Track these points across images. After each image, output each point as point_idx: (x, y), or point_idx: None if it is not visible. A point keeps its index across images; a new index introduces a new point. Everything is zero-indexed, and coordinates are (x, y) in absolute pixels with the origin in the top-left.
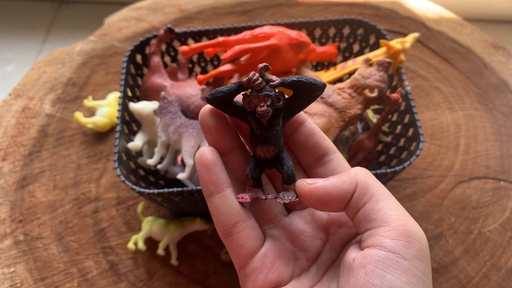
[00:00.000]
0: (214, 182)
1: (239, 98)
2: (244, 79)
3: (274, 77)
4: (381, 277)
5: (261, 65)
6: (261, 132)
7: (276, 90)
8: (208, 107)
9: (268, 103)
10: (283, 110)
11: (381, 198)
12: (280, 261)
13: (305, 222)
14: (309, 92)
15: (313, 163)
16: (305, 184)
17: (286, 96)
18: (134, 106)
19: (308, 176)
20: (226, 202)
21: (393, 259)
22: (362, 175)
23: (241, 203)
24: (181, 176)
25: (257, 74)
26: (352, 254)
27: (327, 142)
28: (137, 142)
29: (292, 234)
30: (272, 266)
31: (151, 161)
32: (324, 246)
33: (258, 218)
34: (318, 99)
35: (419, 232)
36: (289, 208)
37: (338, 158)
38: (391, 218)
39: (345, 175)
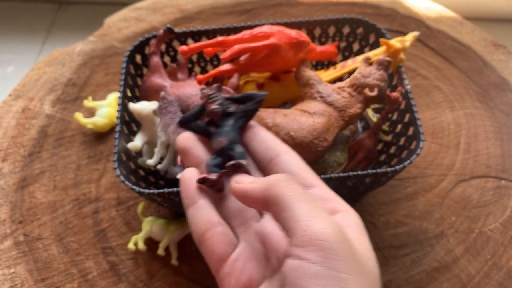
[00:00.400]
0: (189, 196)
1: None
2: (203, 98)
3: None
4: (298, 286)
5: (214, 85)
6: (215, 129)
7: (226, 101)
8: (178, 136)
9: (218, 102)
10: (234, 115)
11: (287, 206)
12: (250, 264)
13: (275, 224)
14: (253, 100)
15: (266, 165)
16: (233, 183)
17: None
18: (133, 106)
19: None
20: (198, 212)
21: (305, 267)
22: (270, 185)
23: (215, 212)
24: (181, 176)
25: (207, 88)
26: None
27: (279, 145)
28: (137, 142)
29: (263, 236)
30: (242, 269)
31: (151, 162)
32: None
33: (231, 223)
34: (318, 98)
35: (327, 231)
36: (262, 213)
37: (287, 159)
38: (296, 227)
39: (260, 183)
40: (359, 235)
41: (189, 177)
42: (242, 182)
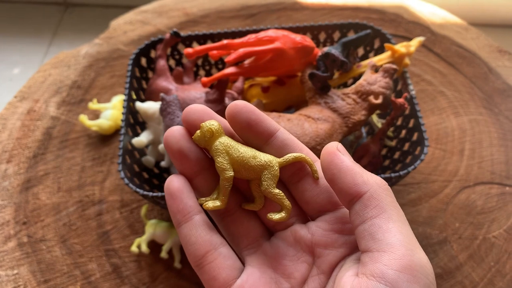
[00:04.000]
0: (181, 210)
1: None
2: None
3: None
4: None
5: None
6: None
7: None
8: (171, 129)
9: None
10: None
11: (392, 218)
12: None
13: (288, 243)
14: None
15: (261, 144)
16: (335, 145)
17: None
18: (140, 105)
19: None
20: (195, 231)
21: None
22: (379, 187)
23: (215, 230)
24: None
25: None
26: (347, 280)
27: (271, 123)
28: (142, 138)
29: (273, 259)
30: None
31: (163, 163)
32: (311, 271)
33: (237, 243)
34: (322, 103)
35: (427, 266)
36: (272, 230)
37: (283, 131)
38: (399, 244)
39: (365, 174)
40: None
41: (178, 186)
42: (345, 154)
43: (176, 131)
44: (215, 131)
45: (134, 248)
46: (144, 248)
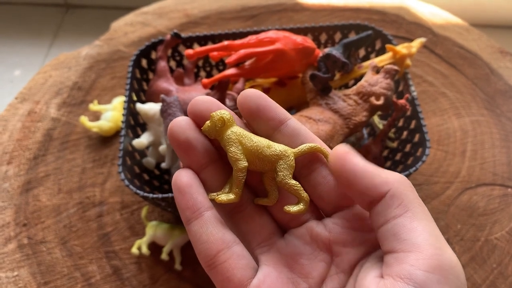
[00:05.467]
0: (191, 207)
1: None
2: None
3: None
4: None
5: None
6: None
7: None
8: (177, 120)
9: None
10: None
11: (417, 216)
12: None
13: (303, 241)
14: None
15: (271, 132)
16: (344, 149)
17: None
18: (140, 106)
19: None
20: (205, 228)
21: None
22: (401, 184)
23: (227, 227)
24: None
25: None
26: (371, 282)
27: (281, 111)
28: (143, 139)
29: (289, 257)
30: None
31: (164, 165)
32: (329, 270)
33: (249, 241)
34: (323, 105)
35: (458, 266)
36: (285, 227)
37: (294, 121)
38: (426, 243)
39: (383, 172)
40: None
41: (187, 181)
42: (356, 156)
43: (182, 121)
44: (226, 120)
45: (134, 250)
46: (145, 250)
